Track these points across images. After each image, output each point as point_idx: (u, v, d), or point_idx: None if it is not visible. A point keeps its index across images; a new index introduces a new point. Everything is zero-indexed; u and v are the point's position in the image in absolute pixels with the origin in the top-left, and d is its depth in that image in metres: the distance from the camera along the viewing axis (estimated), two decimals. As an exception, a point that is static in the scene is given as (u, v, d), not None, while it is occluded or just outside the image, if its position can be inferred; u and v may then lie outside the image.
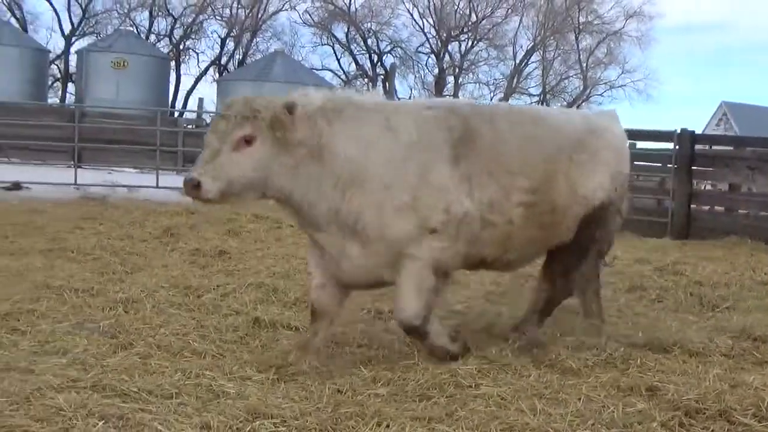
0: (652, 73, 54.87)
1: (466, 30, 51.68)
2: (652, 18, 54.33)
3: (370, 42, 51.41)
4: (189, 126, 31.92)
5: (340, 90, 6.30)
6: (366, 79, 52.42)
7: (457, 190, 5.55)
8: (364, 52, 52.27)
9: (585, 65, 53.42)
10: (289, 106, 5.26)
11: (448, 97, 44.80)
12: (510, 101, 48.06)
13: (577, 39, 53.09)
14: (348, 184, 5.42)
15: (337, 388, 5.07)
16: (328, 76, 49.25)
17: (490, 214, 5.66)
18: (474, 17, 51.27)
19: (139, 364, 5.54)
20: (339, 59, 52.99)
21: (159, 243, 11.00)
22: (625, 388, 5.19)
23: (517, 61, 52.52)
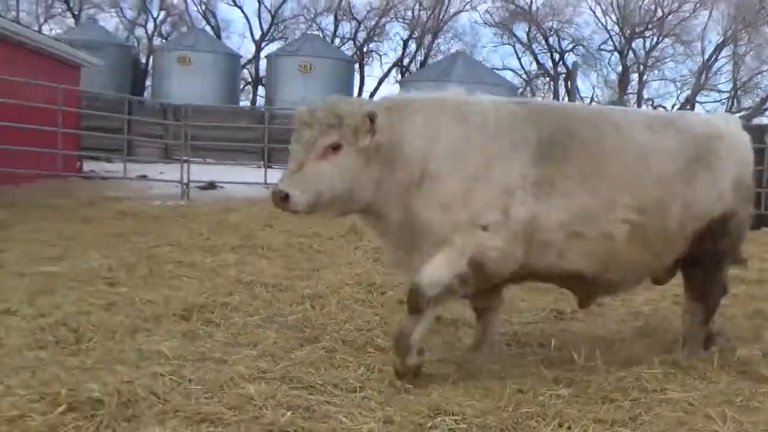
0: None
1: (651, 26, 49.93)
2: None
3: (551, 41, 50.52)
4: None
5: (414, 90, 5.89)
6: (547, 78, 51.69)
7: (525, 192, 5.17)
8: (545, 51, 51.42)
9: (779, 60, 50.67)
10: (371, 115, 5.01)
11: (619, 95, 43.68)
12: (696, 98, 46.33)
13: (772, 32, 50.49)
14: (414, 181, 5.17)
15: (518, 387, 5.04)
16: (509, 76, 48.77)
17: (580, 225, 5.26)
18: (660, 13, 49.42)
19: (324, 357, 5.69)
20: (520, 58, 52.27)
21: (344, 241, 11.22)
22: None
23: (706, 56, 50.37)
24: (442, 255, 5.09)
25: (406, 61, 52.54)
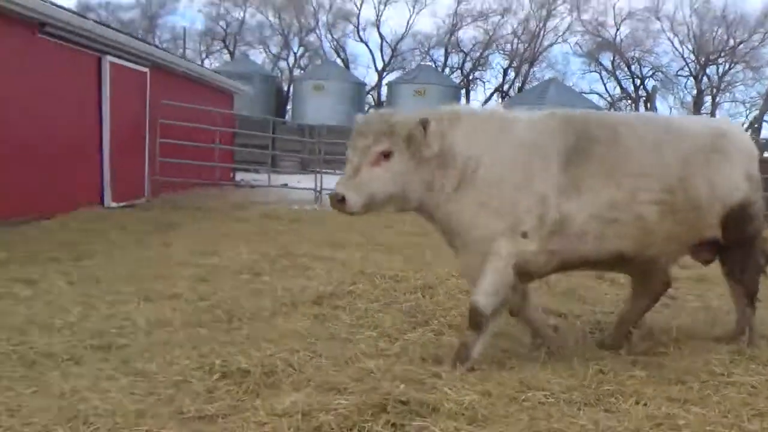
0: None
1: (723, 54, 48.38)
2: None
3: (633, 68, 49.54)
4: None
5: (461, 104, 5.64)
6: (629, 101, 50.60)
7: (558, 197, 4.94)
8: (627, 77, 50.41)
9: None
10: (424, 122, 4.82)
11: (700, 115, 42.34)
12: (764, 117, 44.53)
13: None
14: (463, 185, 4.93)
15: (599, 368, 4.93)
16: (595, 99, 48.00)
17: (611, 212, 5.00)
18: (731, 42, 47.86)
19: (433, 339, 5.70)
20: (605, 84, 51.49)
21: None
22: None
23: (773, 80, 48.44)
24: (491, 270, 4.89)
25: (506, 87, 52.28)
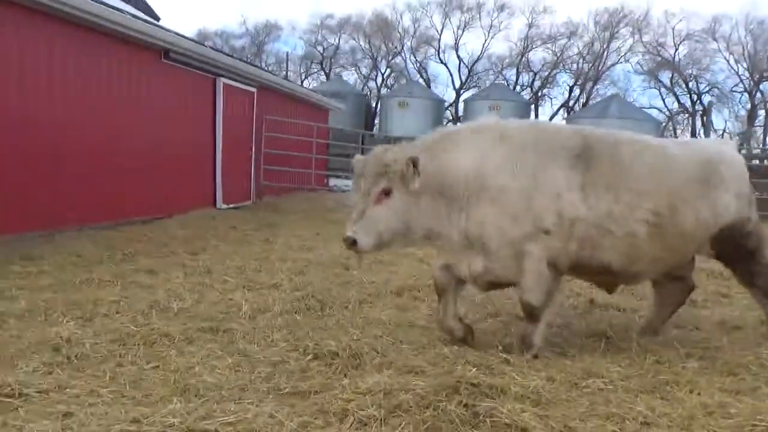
0: None
1: (776, 71, 46.54)
2: None
3: (690, 84, 47.96)
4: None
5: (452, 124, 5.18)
6: (686, 115, 49.11)
7: (570, 194, 4.67)
8: (685, 93, 48.73)
9: None
10: (414, 161, 4.53)
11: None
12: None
13: None
14: (469, 202, 4.67)
15: (656, 359, 4.76)
16: (654, 113, 46.73)
17: (608, 223, 4.72)
18: (784, 60, 46.02)
19: (502, 328, 5.61)
20: (664, 99, 50.00)
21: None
22: None
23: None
24: (528, 270, 4.69)
25: (571, 102, 51.46)
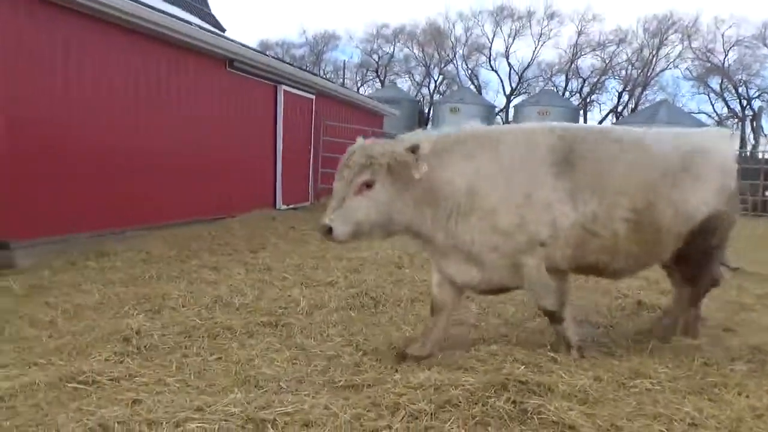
0: None
1: (826, 76, 44.90)
2: None
3: (740, 90, 46.58)
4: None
5: (455, 127, 4.78)
6: (736, 120, 47.66)
7: (561, 203, 4.48)
8: (734, 98, 47.29)
9: None
10: (414, 147, 4.36)
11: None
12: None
13: None
14: (460, 214, 4.46)
15: (704, 361, 4.62)
16: (704, 118, 45.50)
17: (594, 226, 4.54)
18: (831, 66, 44.35)
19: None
20: (713, 104, 48.71)
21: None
22: None
23: None
24: (530, 281, 4.53)
25: (620, 108, 50.55)
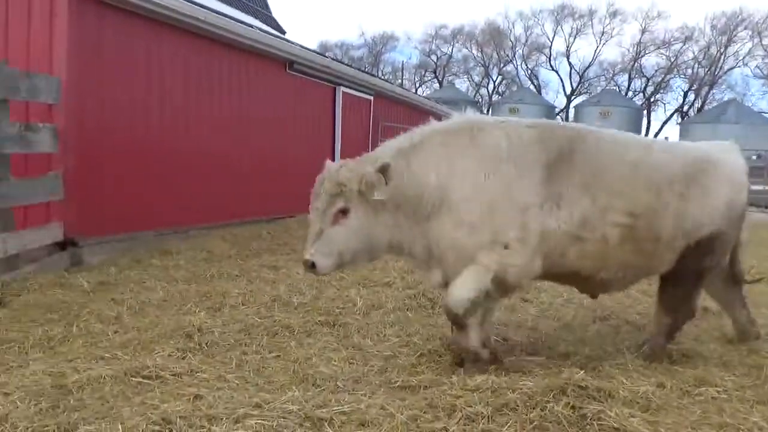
0: None
1: None
2: None
3: (814, 88, 44.92)
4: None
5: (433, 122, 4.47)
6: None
7: (539, 208, 4.16)
8: (808, 96, 45.82)
9: None
10: (383, 169, 4.06)
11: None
12: None
13: None
14: (433, 212, 4.20)
15: (772, 370, 4.45)
16: (775, 117, 43.99)
17: (581, 230, 4.21)
18: None
19: (611, 332, 5.43)
20: (785, 103, 47.21)
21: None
22: None
23: None
24: (467, 274, 4.17)
25: (686, 108, 49.24)
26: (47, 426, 3.28)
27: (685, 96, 49.28)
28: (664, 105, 50.98)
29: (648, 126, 49.11)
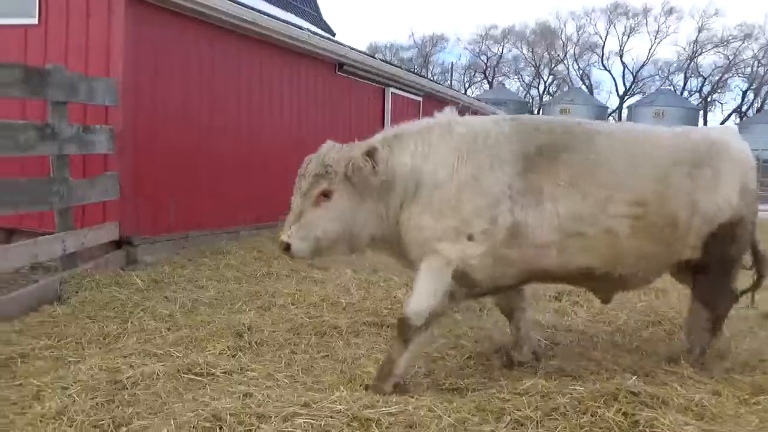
0: None
1: None
2: None
3: None
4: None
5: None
6: None
7: (512, 201, 3.92)
8: None
9: None
10: (370, 152, 3.89)
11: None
12: None
13: None
14: (407, 200, 4.00)
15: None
16: (838, 116, 42.44)
17: (577, 225, 3.96)
18: None
19: (664, 337, 5.30)
20: None
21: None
22: None
23: None
24: (425, 278, 3.93)
25: (744, 107, 47.87)
26: (102, 420, 3.36)
27: (744, 95, 47.99)
28: (722, 105, 49.83)
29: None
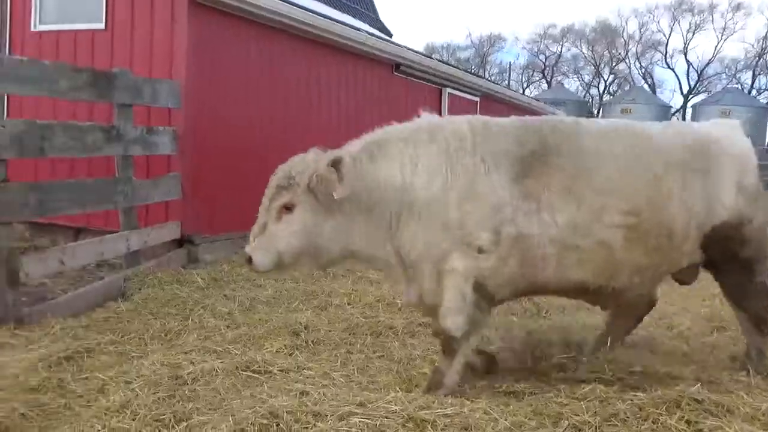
0: None
1: None
2: None
3: None
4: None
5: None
6: None
7: (514, 208, 3.73)
8: None
9: None
10: (335, 162, 3.64)
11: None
12: None
13: None
14: (398, 214, 3.78)
15: None
16: None
17: (573, 237, 3.76)
18: None
19: (730, 343, 5.09)
20: None
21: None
22: None
23: None
24: (450, 291, 3.78)
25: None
26: (164, 414, 3.44)
27: (816, 94, 46.20)
28: (793, 103, 47.98)
29: (774, 126, 46.27)
